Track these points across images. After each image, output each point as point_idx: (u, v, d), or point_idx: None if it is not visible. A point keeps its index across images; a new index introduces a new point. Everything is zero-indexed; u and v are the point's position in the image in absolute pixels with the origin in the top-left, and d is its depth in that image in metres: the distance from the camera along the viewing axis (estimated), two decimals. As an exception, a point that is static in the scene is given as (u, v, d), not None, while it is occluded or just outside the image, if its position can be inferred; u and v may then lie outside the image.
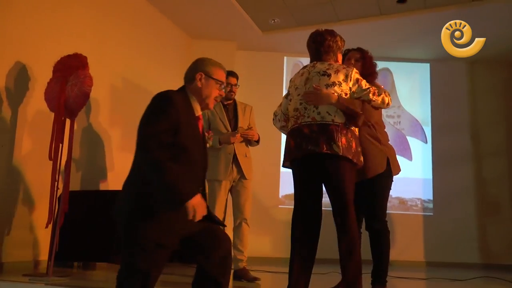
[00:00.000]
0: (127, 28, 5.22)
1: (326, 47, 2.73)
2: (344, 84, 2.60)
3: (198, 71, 2.21)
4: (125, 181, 2.07)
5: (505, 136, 6.98)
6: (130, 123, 5.21)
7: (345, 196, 2.49)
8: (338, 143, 2.45)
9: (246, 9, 5.92)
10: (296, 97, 2.67)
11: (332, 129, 2.49)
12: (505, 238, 6.64)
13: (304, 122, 2.57)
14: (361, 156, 2.62)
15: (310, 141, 2.51)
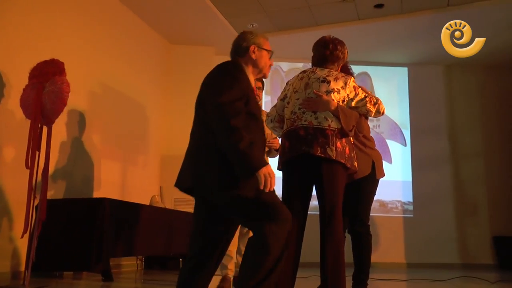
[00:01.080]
0: (105, 33, 5.16)
1: (335, 56, 2.77)
2: (342, 91, 2.63)
3: (250, 44, 2.24)
4: (195, 158, 2.03)
5: (482, 138, 7.12)
6: (109, 129, 5.17)
7: (335, 199, 2.50)
8: (332, 147, 2.48)
9: (225, 14, 5.91)
10: (295, 101, 2.68)
11: (327, 134, 2.52)
12: (482, 238, 6.77)
13: (301, 124, 2.58)
14: (355, 161, 2.64)
15: (305, 142, 2.52)
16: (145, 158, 5.89)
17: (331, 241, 2.46)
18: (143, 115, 5.90)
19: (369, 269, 3.00)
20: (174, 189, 6.54)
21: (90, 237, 3.62)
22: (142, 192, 5.50)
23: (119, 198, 4.58)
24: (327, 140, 2.49)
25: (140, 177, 5.70)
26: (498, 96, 7.25)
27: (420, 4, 5.68)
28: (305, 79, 2.71)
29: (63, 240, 3.67)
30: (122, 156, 5.37)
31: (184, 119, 6.45)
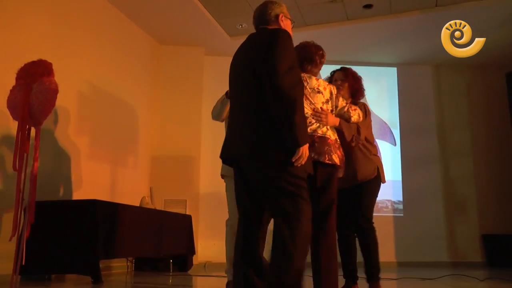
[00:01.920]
0: (94, 33, 5.12)
1: (314, 62, 2.80)
2: (330, 101, 2.73)
3: (278, 12, 2.25)
4: (253, 126, 2.01)
5: (470, 137, 7.19)
6: (98, 130, 5.13)
7: (333, 201, 2.57)
8: (335, 155, 2.59)
9: (214, 14, 5.90)
10: None
11: (329, 142, 2.60)
12: (471, 237, 6.84)
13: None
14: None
15: (313, 150, 2.57)
16: (135, 159, 5.86)
17: (326, 241, 2.49)
18: (132, 115, 5.87)
19: (379, 263, 3.10)
20: (164, 190, 6.56)
21: (80, 239, 3.60)
22: (132, 193, 5.48)
23: (109, 200, 4.55)
24: (330, 147, 2.58)
25: (130, 178, 5.67)
26: (485, 95, 7.33)
27: (408, 5, 5.72)
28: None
29: (53, 242, 3.63)
30: (112, 157, 5.34)
31: (174, 119, 6.49)
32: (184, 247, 5.20)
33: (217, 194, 6.44)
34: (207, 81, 6.84)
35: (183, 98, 6.54)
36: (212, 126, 6.72)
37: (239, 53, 2.23)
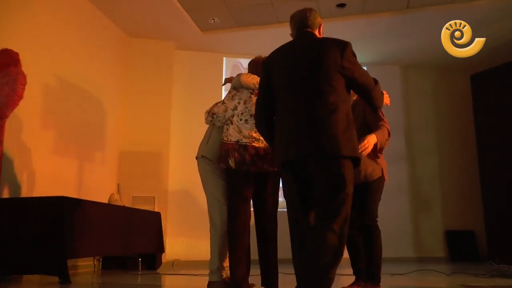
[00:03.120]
0: (61, 24, 4.91)
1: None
2: None
3: (320, 22, 2.50)
4: (328, 123, 2.14)
5: (436, 137, 7.38)
6: (66, 124, 4.94)
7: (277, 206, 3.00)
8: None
9: (186, 7, 5.78)
10: (252, 124, 2.95)
11: None
12: (436, 233, 7.04)
13: (259, 146, 2.96)
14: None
15: (266, 161, 2.93)
16: (102, 154, 5.68)
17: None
18: (100, 109, 5.68)
19: (380, 263, 3.11)
20: (132, 187, 6.40)
21: (46, 238, 3.44)
22: (99, 190, 5.31)
23: (76, 196, 4.38)
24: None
25: (97, 174, 5.49)
26: (451, 96, 7.53)
27: (381, 5, 5.78)
28: None
29: (17, 241, 3.46)
30: (79, 153, 5.15)
31: (143, 114, 6.33)
32: (153, 245, 5.09)
33: (186, 191, 6.36)
34: (177, 76, 6.72)
35: (153, 93, 6.39)
36: (182, 122, 6.62)
37: (295, 49, 2.33)
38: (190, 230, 6.20)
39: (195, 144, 3.46)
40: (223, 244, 3.11)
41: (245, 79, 3.05)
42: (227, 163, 2.96)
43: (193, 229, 6.15)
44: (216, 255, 3.12)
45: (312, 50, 2.27)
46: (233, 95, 3.09)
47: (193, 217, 6.20)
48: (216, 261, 3.11)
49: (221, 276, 3.13)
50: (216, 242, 3.13)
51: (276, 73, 2.34)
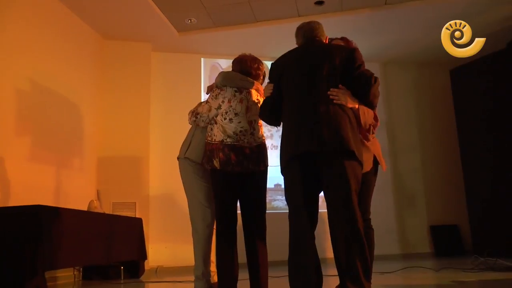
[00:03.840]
0: (34, 26, 4.73)
1: (251, 76, 3.11)
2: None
3: (325, 34, 2.71)
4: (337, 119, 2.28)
5: (417, 132, 7.41)
6: (40, 130, 4.75)
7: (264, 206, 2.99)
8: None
9: (162, 8, 5.66)
10: (237, 123, 2.93)
11: (262, 147, 2.98)
12: (420, 228, 7.06)
13: (244, 145, 2.91)
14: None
15: (251, 160, 2.89)
16: (80, 160, 5.50)
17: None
18: (77, 114, 5.51)
19: (372, 264, 2.98)
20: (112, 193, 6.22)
21: (22, 250, 3.26)
22: (78, 197, 5.13)
23: (53, 205, 4.21)
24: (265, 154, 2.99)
25: (75, 181, 5.30)
26: (431, 92, 7.57)
27: (359, 2, 5.77)
28: (244, 102, 2.96)
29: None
30: (55, 159, 4.96)
31: (121, 117, 6.16)
32: (135, 252, 4.95)
33: (167, 195, 6.22)
34: (155, 78, 6.58)
35: (130, 96, 6.24)
36: (161, 125, 6.49)
37: (305, 53, 2.51)
38: (173, 235, 6.07)
39: (175, 147, 3.36)
40: (207, 248, 3.04)
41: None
42: (211, 163, 2.88)
43: (176, 234, 6.02)
44: (201, 260, 3.03)
45: (320, 54, 2.44)
46: (216, 93, 3.01)
47: (176, 222, 6.08)
48: (201, 266, 3.02)
49: (207, 282, 3.03)
50: (199, 246, 3.04)
51: (285, 74, 2.48)
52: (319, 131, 2.23)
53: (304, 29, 2.66)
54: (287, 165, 2.38)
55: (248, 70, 3.08)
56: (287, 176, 2.41)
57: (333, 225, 2.23)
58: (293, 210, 2.35)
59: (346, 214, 2.18)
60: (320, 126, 2.24)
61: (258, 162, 2.91)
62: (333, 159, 2.23)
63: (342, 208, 2.20)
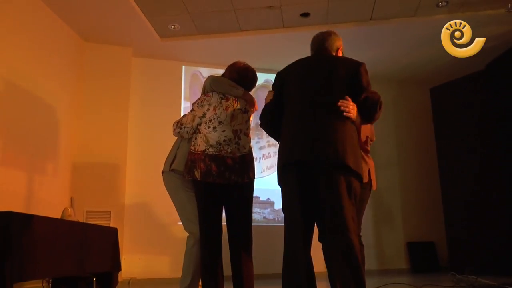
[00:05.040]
0: (10, 24, 4.52)
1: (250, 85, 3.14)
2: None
3: (339, 46, 2.63)
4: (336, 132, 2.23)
5: (396, 149, 7.46)
6: (14, 133, 4.51)
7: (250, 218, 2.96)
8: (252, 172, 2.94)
9: (145, 12, 5.52)
10: (220, 132, 2.88)
11: (247, 159, 2.93)
12: (397, 244, 7.08)
13: (227, 155, 2.86)
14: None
15: (234, 171, 2.83)
16: (54, 165, 5.26)
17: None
18: (52, 117, 5.28)
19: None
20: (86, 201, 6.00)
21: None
22: (51, 204, 4.90)
23: (25, 212, 3.98)
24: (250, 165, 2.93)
25: (48, 187, 5.06)
26: (411, 109, 7.65)
27: (345, 16, 5.77)
28: (230, 109, 2.92)
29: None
30: (28, 164, 4.73)
31: (98, 123, 5.95)
32: (109, 263, 4.73)
33: (144, 205, 6.04)
34: (134, 84, 6.41)
35: (109, 101, 6.05)
36: (140, 132, 6.31)
37: (310, 63, 2.49)
38: (148, 246, 5.89)
39: (153, 155, 3.25)
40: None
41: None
42: (192, 174, 2.80)
43: (150, 245, 5.86)
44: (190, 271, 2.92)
45: (326, 65, 2.41)
46: (202, 100, 2.95)
47: (151, 232, 5.93)
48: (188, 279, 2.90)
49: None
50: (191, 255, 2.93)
51: (289, 82, 2.45)
52: (316, 141, 2.20)
53: (315, 40, 2.65)
54: (282, 173, 2.34)
55: (242, 79, 3.06)
56: (283, 184, 2.35)
57: (327, 244, 2.24)
58: (289, 220, 2.28)
59: (337, 235, 2.11)
60: (319, 137, 2.21)
61: (241, 173, 2.84)
62: (328, 172, 2.17)
63: (332, 225, 2.14)
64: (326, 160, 2.16)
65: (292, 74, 2.51)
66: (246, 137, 3.00)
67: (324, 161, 2.16)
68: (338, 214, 2.11)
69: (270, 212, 6.66)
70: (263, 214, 6.59)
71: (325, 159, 2.16)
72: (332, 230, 2.13)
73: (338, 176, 2.15)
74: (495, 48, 5.99)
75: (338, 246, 2.09)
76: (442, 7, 5.45)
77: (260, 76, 7.98)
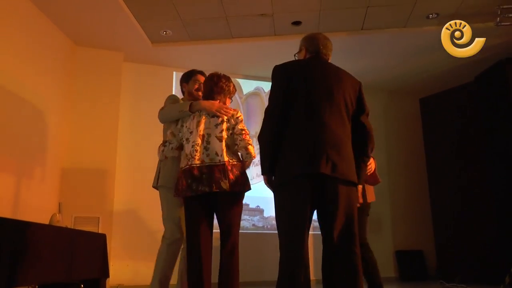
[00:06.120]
0: (0, 26, 4.46)
1: (219, 87, 3.12)
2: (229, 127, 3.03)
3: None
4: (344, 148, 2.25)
5: (385, 158, 7.48)
6: (2, 135, 4.44)
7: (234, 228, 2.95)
8: (225, 180, 2.84)
9: (137, 17, 5.51)
10: (192, 142, 2.94)
11: (219, 169, 2.85)
12: (386, 253, 7.09)
13: (195, 164, 2.87)
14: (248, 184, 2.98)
15: (201, 182, 2.83)
16: (42, 170, 5.19)
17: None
18: (41, 121, 5.21)
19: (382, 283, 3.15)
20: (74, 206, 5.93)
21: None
22: (38, 210, 4.83)
23: (11, 217, 3.92)
24: (220, 175, 2.84)
25: (35, 192, 4.98)
26: (400, 119, 7.70)
27: (336, 25, 5.81)
28: (196, 117, 3.00)
29: None
30: (15, 168, 4.65)
31: (87, 127, 5.90)
32: (97, 270, 4.68)
33: (133, 211, 6.00)
34: (125, 89, 6.38)
35: (99, 106, 6.00)
36: (129, 138, 6.27)
37: (316, 68, 2.40)
38: (136, 253, 5.84)
39: (143, 161, 3.26)
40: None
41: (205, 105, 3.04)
42: (175, 191, 3.00)
43: (139, 252, 5.81)
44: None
45: (335, 76, 2.38)
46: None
47: (140, 239, 5.88)
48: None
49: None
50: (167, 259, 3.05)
51: (297, 83, 2.32)
52: (333, 155, 2.18)
53: (317, 40, 2.62)
54: (290, 182, 2.22)
55: (208, 88, 3.15)
56: (289, 194, 2.23)
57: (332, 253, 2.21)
58: (292, 231, 2.22)
59: (349, 244, 2.17)
60: (333, 150, 2.20)
61: (208, 183, 2.84)
62: (338, 185, 2.19)
63: (342, 237, 2.18)
64: (340, 174, 2.17)
65: (300, 75, 2.37)
66: (219, 141, 2.94)
67: (336, 175, 2.17)
68: (349, 227, 2.17)
69: (260, 219, 6.64)
70: (252, 222, 6.58)
71: (339, 174, 2.17)
72: (342, 242, 2.17)
73: (348, 189, 2.21)
74: (484, 60, 6.08)
75: (346, 259, 2.15)
76: (432, 18, 5.52)
77: (251, 83, 8.03)
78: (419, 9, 5.35)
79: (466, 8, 5.28)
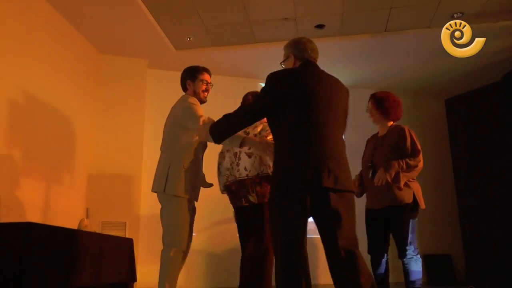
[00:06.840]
0: (28, 35, 4.57)
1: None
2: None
3: None
4: (343, 159, 2.27)
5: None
6: (30, 144, 4.56)
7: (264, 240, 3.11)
8: (253, 194, 3.02)
9: (162, 25, 5.58)
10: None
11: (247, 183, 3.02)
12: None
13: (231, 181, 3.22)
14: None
15: (235, 196, 3.14)
16: (70, 177, 5.30)
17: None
18: (69, 128, 5.33)
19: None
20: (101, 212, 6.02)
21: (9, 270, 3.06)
22: (67, 215, 4.93)
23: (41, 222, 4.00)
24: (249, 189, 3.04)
25: (64, 198, 5.09)
26: (425, 121, 7.56)
27: (359, 27, 5.78)
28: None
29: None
30: (45, 175, 4.76)
31: (114, 134, 5.99)
32: (125, 274, 4.75)
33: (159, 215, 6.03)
34: (150, 96, 6.46)
35: (124, 113, 6.09)
36: (155, 144, 6.30)
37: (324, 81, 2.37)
38: (161, 257, 5.87)
39: None
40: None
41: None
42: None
43: (165, 255, 5.83)
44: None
45: (331, 85, 2.37)
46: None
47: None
48: None
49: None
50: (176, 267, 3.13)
51: (294, 92, 2.25)
52: (333, 167, 2.16)
53: (309, 46, 2.55)
54: (293, 193, 2.15)
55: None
56: (292, 203, 2.14)
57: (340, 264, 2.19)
58: (293, 241, 2.17)
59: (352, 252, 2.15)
60: (337, 162, 2.20)
61: (239, 197, 3.35)
62: (341, 196, 2.17)
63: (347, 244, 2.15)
64: (343, 186, 2.16)
65: (297, 87, 2.28)
66: (248, 157, 3.00)
67: (340, 188, 2.15)
68: (351, 233, 2.17)
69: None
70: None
71: (341, 186, 2.15)
72: (347, 247, 2.15)
73: (349, 197, 2.22)
74: (510, 59, 5.96)
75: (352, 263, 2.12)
76: (457, 18, 5.43)
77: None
78: (443, 8, 5.28)
79: (492, 6, 5.18)
